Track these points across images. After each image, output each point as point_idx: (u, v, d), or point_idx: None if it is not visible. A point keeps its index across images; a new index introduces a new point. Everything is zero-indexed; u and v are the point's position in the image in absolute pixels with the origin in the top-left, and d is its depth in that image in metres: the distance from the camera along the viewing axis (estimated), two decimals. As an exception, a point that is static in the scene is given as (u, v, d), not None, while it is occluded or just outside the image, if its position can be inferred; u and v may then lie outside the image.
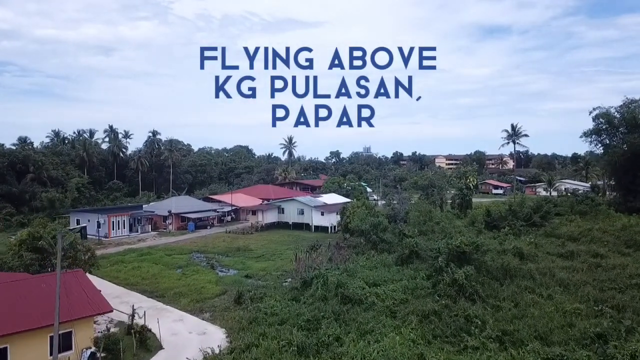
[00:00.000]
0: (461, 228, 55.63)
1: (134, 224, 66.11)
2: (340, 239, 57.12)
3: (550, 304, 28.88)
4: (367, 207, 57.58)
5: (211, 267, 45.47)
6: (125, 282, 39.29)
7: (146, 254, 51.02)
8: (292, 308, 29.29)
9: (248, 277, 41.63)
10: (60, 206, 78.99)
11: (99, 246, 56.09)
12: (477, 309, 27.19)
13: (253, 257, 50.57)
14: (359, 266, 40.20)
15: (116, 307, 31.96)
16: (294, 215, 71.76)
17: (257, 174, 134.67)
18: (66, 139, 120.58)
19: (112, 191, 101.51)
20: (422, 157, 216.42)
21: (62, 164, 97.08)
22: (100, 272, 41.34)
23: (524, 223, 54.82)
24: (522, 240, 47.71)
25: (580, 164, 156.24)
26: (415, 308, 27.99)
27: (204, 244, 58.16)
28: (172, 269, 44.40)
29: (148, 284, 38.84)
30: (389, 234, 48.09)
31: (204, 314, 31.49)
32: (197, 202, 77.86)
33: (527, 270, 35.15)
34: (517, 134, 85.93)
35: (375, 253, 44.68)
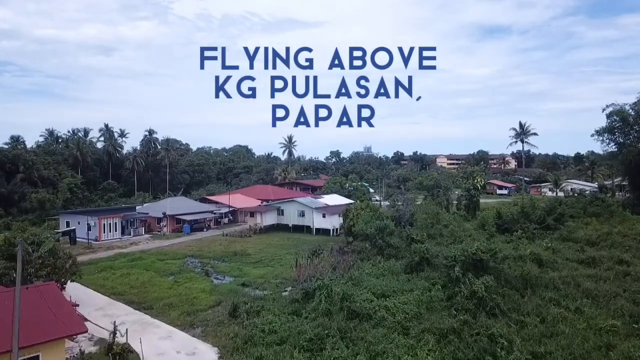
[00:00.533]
0: (471, 231, 52.67)
1: (126, 226, 63.12)
2: (343, 242, 54.17)
3: (581, 320, 25.83)
4: (372, 209, 54.53)
5: (206, 273, 42.45)
6: (112, 291, 36.22)
7: (137, 259, 48.01)
8: (292, 324, 26.23)
9: (245, 285, 38.60)
10: (50, 207, 76.00)
11: (88, 250, 53.22)
12: (501, 327, 24.12)
13: (251, 262, 47.56)
14: (364, 274, 37.14)
15: (98, 320, 29.09)
16: (294, 217, 68.72)
17: (256, 174, 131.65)
18: (60, 138, 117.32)
19: (107, 192, 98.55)
20: (423, 156, 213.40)
21: (54, 164, 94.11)
22: (86, 280, 38.50)
23: (537, 226, 51.83)
24: (536, 244, 44.70)
25: (586, 163, 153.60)
26: (431, 325, 24.92)
27: (199, 247, 55.16)
28: (163, 276, 41.38)
29: (136, 293, 35.78)
30: (396, 238, 45.06)
31: (195, 329, 28.46)
32: (193, 204, 74.82)
33: (549, 280, 32.10)
34: (525, 132, 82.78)
35: (381, 259, 41.64)
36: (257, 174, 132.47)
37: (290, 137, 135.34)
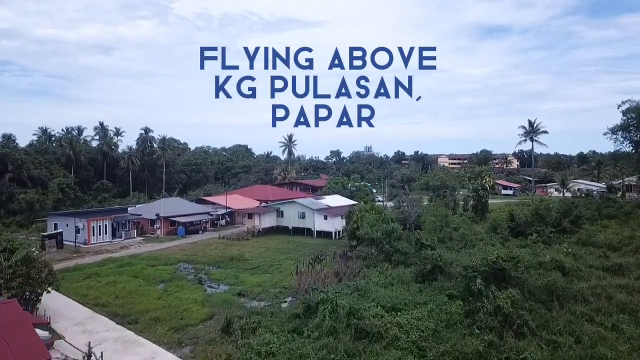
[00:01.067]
0: (482, 235, 49.54)
1: (117, 228, 59.95)
2: (346, 246, 51.06)
3: (621, 340, 22.71)
4: (377, 211, 51.35)
5: (199, 281, 39.27)
6: (95, 302, 33.03)
7: (126, 264, 44.82)
8: (292, 345, 23.06)
9: (241, 295, 35.42)
10: (40, 208, 72.78)
11: (75, 255, 50.04)
12: (535, 351, 20.99)
13: (248, 268, 44.37)
14: (371, 283, 34.11)
15: (76, 337, 25.98)
16: (294, 219, 65.52)
17: (255, 174, 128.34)
18: (53, 137, 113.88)
19: (100, 192, 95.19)
20: (425, 156, 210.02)
21: (46, 163, 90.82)
22: (69, 288, 35.51)
23: (553, 229, 48.70)
24: (554, 249, 41.63)
25: (592, 163, 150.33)
26: (452, 347, 21.77)
27: (194, 252, 52.00)
28: (153, 284, 38.22)
29: (121, 304, 32.59)
30: (404, 242, 41.94)
31: (183, 348, 25.29)
32: (188, 205, 71.61)
33: (577, 291, 28.98)
34: (535, 130, 79.30)
35: (389, 266, 38.55)
36: (256, 173, 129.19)
37: (290, 135, 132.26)
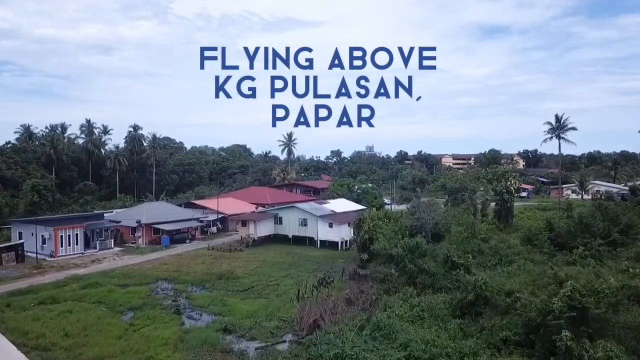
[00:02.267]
0: (518, 248, 41.65)
1: (92, 237, 52.24)
2: (355, 259, 43.39)
3: None
4: (392, 219, 43.65)
5: (176, 310, 31.58)
6: (35, 344, 25.23)
7: (92, 284, 37.15)
8: None
9: (227, 330, 27.69)
10: (10, 213, 65.12)
11: (35, 271, 42.40)
12: None
13: (238, 290, 36.61)
14: (394, 316, 26.44)
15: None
16: (294, 227, 57.66)
17: (252, 174, 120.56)
18: (33, 135, 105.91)
19: (83, 194, 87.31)
20: (428, 156, 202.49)
21: (22, 163, 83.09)
22: (12, 320, 28.44)
23: (602, 241, 40.92)
24: (610, 267, 33.87)
25: (608, 163, 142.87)
26: None
27: (177, 266, 44.34)
28: (118, 314, 30.58)
29: (69, 347, 24.86)
30: (429, 259, 34.16)
31: None
32: (175, 210, 63.81)
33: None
34: (562, 126, 71.58)
35: (413, 291, 30.81)
36: (253, 174, 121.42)
37: (290, 134, 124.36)
